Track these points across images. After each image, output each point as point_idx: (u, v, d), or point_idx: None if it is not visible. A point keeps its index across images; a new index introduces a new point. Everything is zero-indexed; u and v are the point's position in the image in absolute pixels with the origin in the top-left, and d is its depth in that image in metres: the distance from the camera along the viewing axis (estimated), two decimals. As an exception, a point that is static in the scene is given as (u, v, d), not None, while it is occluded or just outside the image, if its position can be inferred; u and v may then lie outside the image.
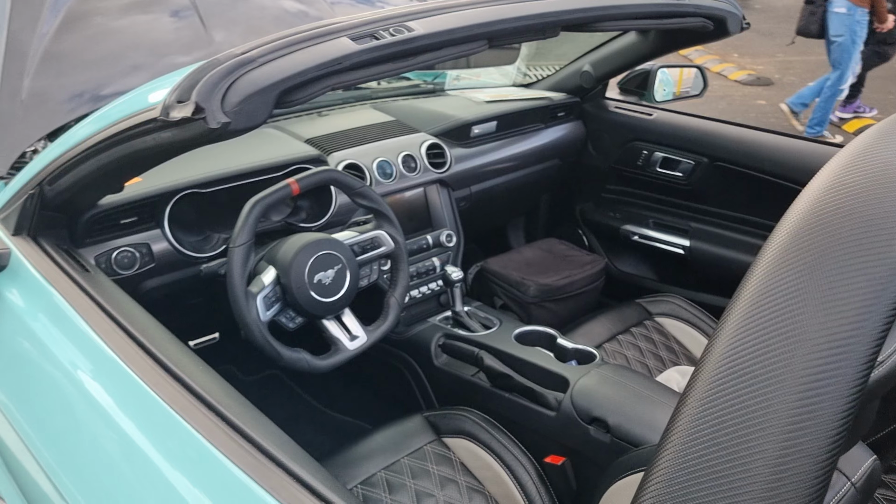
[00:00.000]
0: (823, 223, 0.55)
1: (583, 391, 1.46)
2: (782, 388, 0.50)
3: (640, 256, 2.32)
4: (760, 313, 0.54)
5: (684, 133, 2.09)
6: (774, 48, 7.83)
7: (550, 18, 1.22)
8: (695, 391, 0.54)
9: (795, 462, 0.49)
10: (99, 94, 1.53)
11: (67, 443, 0.95)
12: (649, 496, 0.53)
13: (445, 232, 1.91)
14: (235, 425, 0.82)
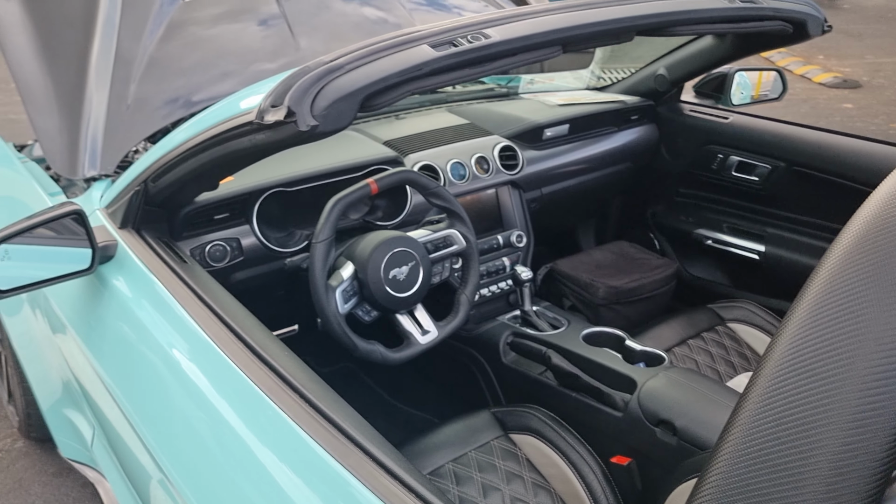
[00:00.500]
0: (890, 225, 0.56)
1: (650, 393, 1.47)
2: (845, 386, 0.52)
3: (713, 261, 2.30)
4: (824, 312, 0.55)
5: (761, 137, 2.06)
6: (864, 50, 7.52)
7: (625, 24, 1.24)
8: (757, 386, 0.56)
9: (856, 459, 0.50)
10: (193, 99, 1.63)
11: (165, 418, 1.03)
12: (709, 487, 0.55)
13: (516, 232, 1.94)
14: (317, 406, 0.88)
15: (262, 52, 1.80)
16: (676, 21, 1.31)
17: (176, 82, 1.64)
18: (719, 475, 0.55)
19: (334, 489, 0.80)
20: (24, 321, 1.70)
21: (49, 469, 2.06)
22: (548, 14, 1.17)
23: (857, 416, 0.51)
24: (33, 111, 1.57)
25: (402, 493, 0.77)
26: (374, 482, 0.78)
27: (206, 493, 0.91)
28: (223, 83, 1.67)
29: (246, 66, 1.75)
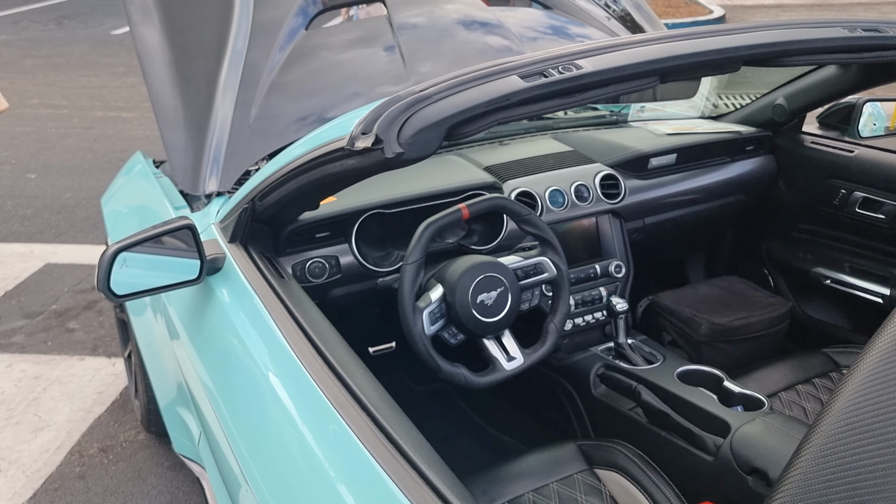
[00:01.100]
0: None
1: (744, 438, 1.40)
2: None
3: (832, 302, 2.15)
4: None
5: (890, 172, 1.92)
6: None
7: (729, 54, 1.20)
8: (837, 403, 0.54)
9: None
10: (306, 123, 1.74)
11: (249, 426, 1.10)
12: None
13: (614, 262, 1.91)
14: (382, 426, 0.91)
15: (375, 78, 1.88)
16: (788, 51, 1.26)
17: (293, 107, 1.75)
18: (787, 496, 0.53)
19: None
20: (147, 324, 1.86)
21: (165, 462, 2.23)
22: (645, 44, 1.16)
23: None
24: (165, 130, 1.72)
25: None
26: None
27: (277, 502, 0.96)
28: (335, 109, 1.77)
29: (357, 92, 1.83)
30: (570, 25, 2.37)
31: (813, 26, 1.28)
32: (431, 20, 2.05)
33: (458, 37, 2.05)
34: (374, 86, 1.85)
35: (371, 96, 1.80)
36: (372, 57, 1.92)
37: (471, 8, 2.18)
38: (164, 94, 1.73)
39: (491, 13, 2.13)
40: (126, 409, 2.48)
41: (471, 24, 2.13)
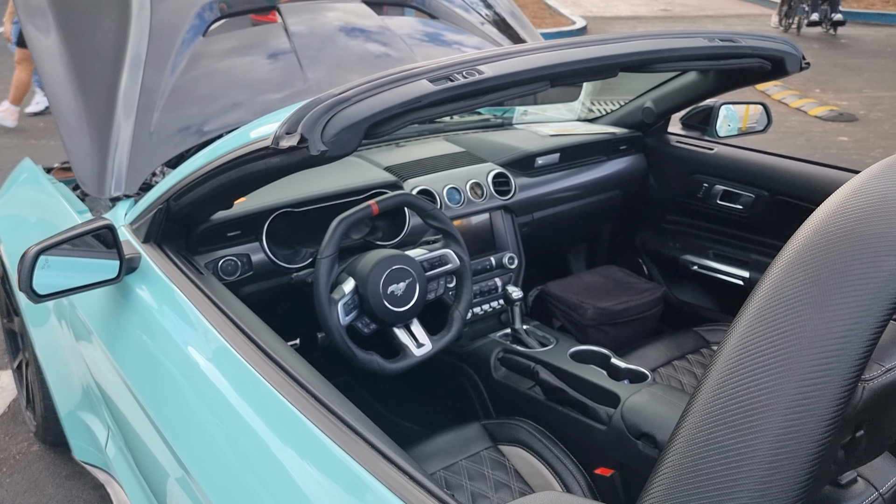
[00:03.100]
0: (826, 240, 0.66)
1: (633, 407, 1.56)
2: (785, 378, 0.61)
3: (699, 286, 2.39)
4: (770, 313, 0.65)
5: (745, 167, 2.17)
6: (861, 84, 7.66)
7: (608, 62, 1.36)
8: (710, 378, 0.65)
9: (794, 441, 0.59)
10: (207, 128, 1.77)
11: (185, 415, 1.14)
12: (667, 467, 0.64)
13: (508, 254, 2.05)
14: (328, 405, 0.98)
15: (272, 83, 1.93)
16: (657, 59, 1.43)
17: (193, 112, 1.77)
18: (674, 457, 0.64)
19: (348, 483, 0.90)
20: (49, 331, 1.81)
21: (63, 472, 2.16)
22: (537, 52, 1.30)
23: (794, 404, 0.60)
24: (67, 136, 1.70)
25: (410, 486, 0.86)
26: (384, 475, 0.87)
27: (225, 484, 1.01)
28: (234, 113, 1.80)
29: (255, 97, 1.88)
30: (454, 33, 2.51)
31: (679, 37, 1.47)
32: (325, 28, 2.12)
33: (352, 44, 2.13)
34: (273, 91, 1.89)
35: (269, 102, 1.84)
36: (270, 63, 1.97)
37: (361, 17, 2.27)
38: (63, 100, 1.72)
39: (381, 21, 2.23)
40: (17, 420, 2.38)
41: (362, 33, 2.22)
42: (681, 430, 0.65)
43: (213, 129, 1.75)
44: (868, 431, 0.83)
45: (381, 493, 0.86)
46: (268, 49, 2.01)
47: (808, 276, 0.64)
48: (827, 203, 0.70)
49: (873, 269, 0.62)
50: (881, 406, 0.79)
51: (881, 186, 0.67)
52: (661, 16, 12.19)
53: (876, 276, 0.62)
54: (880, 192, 0.66)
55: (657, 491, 0.64)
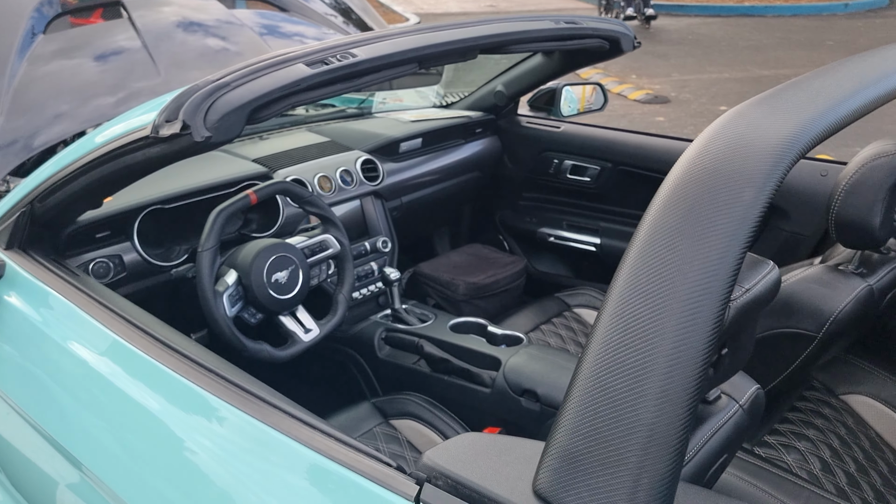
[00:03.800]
0: (694, 179, 0.76)
1: (513, 368, 1.67)
2: (671, 299, 0.70)
3: (557, 256, 2.57)
4: (651, 248, 0.74)
5: (589, 142, 2.36)
6: (670, 69, 8.41)
7: (469, 44, 1.45)
8: (608, 306, 0.73)
9: (684, 354, 0.68)
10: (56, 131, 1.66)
11: (78, 415, 1.08)
12: (576, 390, 0.72)
13: (381, 238, 2.10)
14: (233, 381, 0.99)
15: (120, 80, 1.85)
16: (511, 41, 1.54)
17: (39, 115, 1.66)
18: (582, 380, 0.72)
19: (257, 441, 0.91)
20: None
21: None
22: (406, 35, 1.35)
23: (682, 321, 0.69)
24: None
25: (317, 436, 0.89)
26: (290, 429, 0.90)
27: (133, 474, 0.98)
28: (85, 113, 1.71)
29: (103, 96, 1.79)
30: (304, 26, 2.52)
31: (529, 20, 1.58)
32: (173, 22, 2.06)
33: (202, 38, 2.08)
34: (123, 88, 1.82)
35: (122, 98, 1.77)
36: (120, 59, 1.89)
37: (209, 10, 2.22)
38: None
39: (232, 15, 2.20)
40: None
41: (212, 26, 2.17)
42: (587, 354, 0.73)
43: (64, 131, 1.65)
44: (731, 349, 0.97)
45: (290, 445, 0.89)
46: (113, 45, 1.92)
47: (682, 211, 0.74)
48: (690, 149, 0.81)
49: (736, 200, 0.73)
50: (741, 324, 0.93)
51: (734, 130, 0.79)
52: (488, 11, 12.68)
53: (739, 205, 0.73)
54: (734, 134, 0.78)
55: (572, 407, 0.72)
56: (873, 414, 1.64)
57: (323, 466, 0.86)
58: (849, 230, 1.44)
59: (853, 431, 1.59)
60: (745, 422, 1.09)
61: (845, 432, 1.59)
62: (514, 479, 0.77)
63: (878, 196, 1.40)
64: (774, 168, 0.75)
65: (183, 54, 2.01)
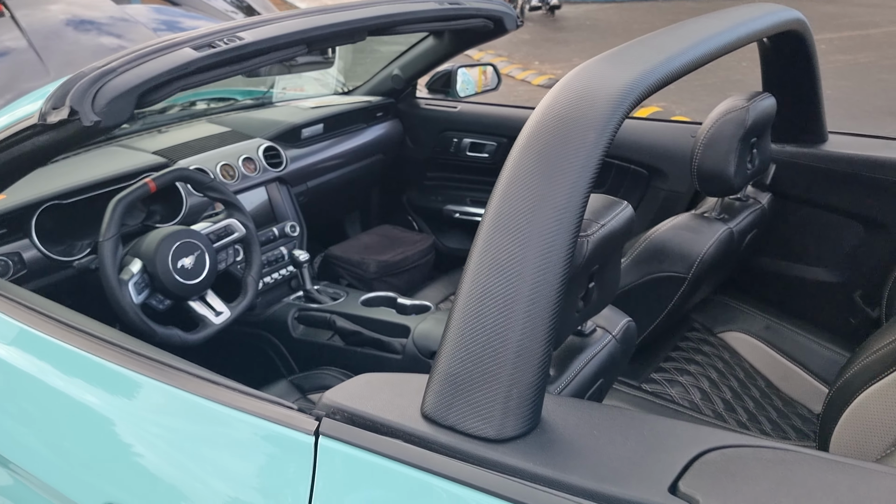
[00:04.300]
0: (545, 126, 0.85)
1: (422, 333, 1.76)
2: (533, 232, 0.79)
3: (464, 231, 2.67)
4: (512, 190, 0.83)
5: (485, 119, 2.47)
6: (570, 54, 8.69)
7: (357, 25, 1.51)
8: (479, 241, 0.82)
9: (544, 280, 0.77)
10: None
11: None
12: (454, 320, 0.81)
13: (289, 223, 2.14)
14: (136, 351, 1.03)
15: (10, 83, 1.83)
16: (399, 21, 1.62)
17: None
18: (459, 311, 0.81)
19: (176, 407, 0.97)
20: None
21: None
22: (294, 18, 1.41)
23: (540, 251, 0.78)
24: None
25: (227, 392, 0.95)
26: (205, 391, 0.95)
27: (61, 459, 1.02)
28: None
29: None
30: (197, 20, 2.52)
31: (415, 2, 1.67)
32: (64, 21, 2.05)
33: (96, 36, 2.08)
34: (12, 89, 1.80)
35: (10, 100, 1.75)
36: (5, 60, 1.86)
37: (101, 8, 2.21)
38: None
39: (124, 12, 2.19)
40: None
41: (101, 22, 2.16)
42: (462, 287, 0.81)
43: None
44: (597, 283, 1.08)
45: (197, 402, 0.94)
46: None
47: (535, 154, 0.83)
48: (544, 100, 0.91)
49: (582, 142, 0.83)
50: (602, 258, 1.04)
51: (580, 82, 0.89)
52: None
53: (584, 146, 0.83)
54: (580, 85, 0.88)
55: (451, 336, 0.81)
56: (746, 347, 1.81)
57: (231, 416, 0.92)
58: (709, 180, 1.60)
59: (729, 364, 1.76)
60: (618, 350, 1.21)
61: (722, 365, 1.75)
62: (404, 407, 0.85)
63: (731, 147, 1.56)
64: (614, 113, 0.86)
65: (74, 53, 2.00)
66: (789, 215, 1.90)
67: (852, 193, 1.80)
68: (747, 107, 1.57)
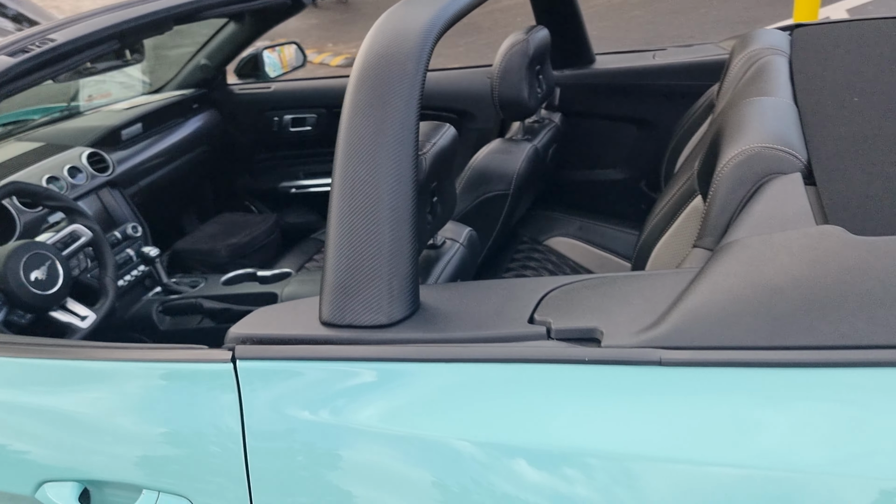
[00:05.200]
0: (371, 62, 1.01)
1: (290, 295, 1.88)
2: (380, 150, 0.95)
3: (303, 204, 2.79)
4: (355, 120, 0.98)
5: (301, 94, 2.59)
6: (360, 32, 8.86)
7: (163, 15, 1.59)
8: (336, 169, 0.97)
9: (400, 189, 0.93)
10: None
11: None
12: (331, 238, 0.96)
13: (130, 224, 2.15)
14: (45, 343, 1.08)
15: None
16: (203, 7, 1.70)
17: None
18: (333, 229, 0.96)
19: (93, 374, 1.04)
20: None
21: None
22: (101, 15, 1.46)
23: (394, 164, 0.93)
24: None
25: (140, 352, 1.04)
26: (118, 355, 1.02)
27: None
28: None
29: None
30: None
31: None
32: None
33: None
34: None
35: None
36: None
37: None
38: None
39: None
40: None
41: None
42: (331, 213, 0.95)
43: None
44: (439, 199, 1.28)
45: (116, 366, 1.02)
46: None
47: (369, 88, 0.99)
48: (362, 47, 1.07)
49: (404, 71, 1.00)
50: (438, 175, 1.23)
51: (390, 25, 1.06)
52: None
53: (407, 75, 1.00)
54: (392, 26, 1.05)
55: (331, 252, 0.95)
56: (567, 248, 2.12)
57: (152, 369, 1.01)
58: (509, 107, 1.85)
59: (557, 264, 2.05)
60: (467, 255, 1.42)
61: (552, 266, 2.04)
62: (304, 322, 0.98)
63: (521, 75, 1.81)
64: (424, 44, 1.04)
65: None
66: (578, 129, 2.22)
67: (623, 101, 2.14)
68: (527, 38, 1.83)
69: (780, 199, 0.95)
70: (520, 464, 0.81)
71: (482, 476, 0.82)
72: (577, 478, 0.79)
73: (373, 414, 0.88)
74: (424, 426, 0.85)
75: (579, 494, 0.78)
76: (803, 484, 0.72)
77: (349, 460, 0.88)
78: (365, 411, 0.88)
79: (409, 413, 0.87)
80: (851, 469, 0.71)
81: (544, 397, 0.82)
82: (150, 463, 0.98)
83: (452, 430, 0.84)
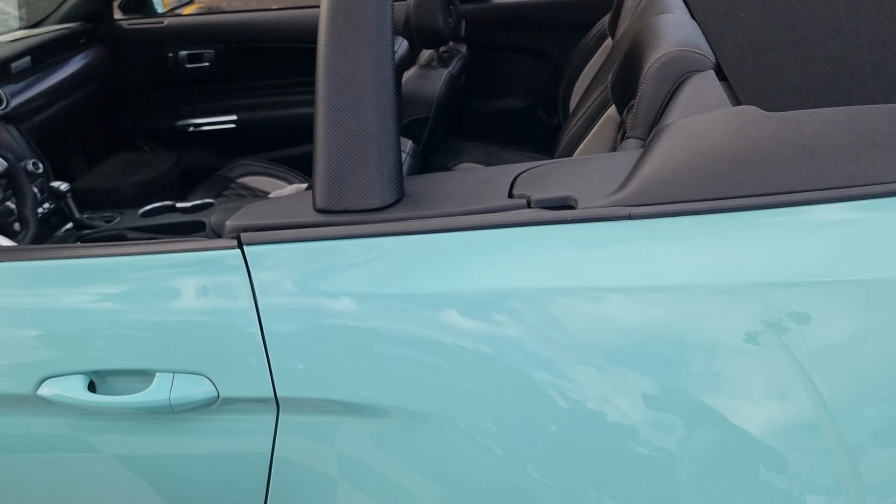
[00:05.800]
0: None
1: (218, 221, 1.90)
2: (364, 47, 1.03)
3: (203, 142, 2.75)
4: (338, 16, 1.05)
5: (197, 29, 2.55)
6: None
7: None
8: (319, 69, 1.04)
9: (382, 83, 1.01)
10: None
11: None
12: (319, 133, 1.04)
13: (30, 161, 2.06)
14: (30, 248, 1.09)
15: None
16: None
17: None
18: (321, 123, 1.05)
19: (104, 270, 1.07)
20: None
21: None
22: None
23: (374, 64, 1.01)
24: None
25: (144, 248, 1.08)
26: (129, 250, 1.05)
27: None
28: None
29: None
30: None
31: None
32: None
33: None
34: None
35: None
36: None
37: None
38: None
39: None
40: None
41: None
42: (317, 109, 1.01)
43: None
44: None
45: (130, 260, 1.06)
46: None
47: (339, 22, 1.07)
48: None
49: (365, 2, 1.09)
50: (396, 83, 1.34)
51: None
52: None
53: (370, 3, 1.09)
54: None
55: (320, 146, 1.04)
56: None
57: (157, 261, 1.05)
58: (427, 34, 1.97)
59: None
60: (415, 164, 1.55)
61: None
62: (300, 210, 1.06)
63: (435, 5, 1.94)
64: None
65: None
66: (483, 61, 2.38)
67: (521, 34, 2.32)
68: None
69: (700, 91, 1.15)
70: (518, 306, 0.96)
71: (490, 318, 0.96)
72: (571, 309, 0.96)
73: (380, 283, 0.99)
74: (431, 287, 0.98)
75: (573, 326, 0.95)
76: (734, 299, 0.93)
77: (355, 325, 0.99)
78: (374, 282, 0.99)
79: (415, 277, 0.99)
80: (778, 279, 0.93)
81: (533, 253, 0.97)
82: (161, 347, 1.03)
83: (458, 286, 0.98)
